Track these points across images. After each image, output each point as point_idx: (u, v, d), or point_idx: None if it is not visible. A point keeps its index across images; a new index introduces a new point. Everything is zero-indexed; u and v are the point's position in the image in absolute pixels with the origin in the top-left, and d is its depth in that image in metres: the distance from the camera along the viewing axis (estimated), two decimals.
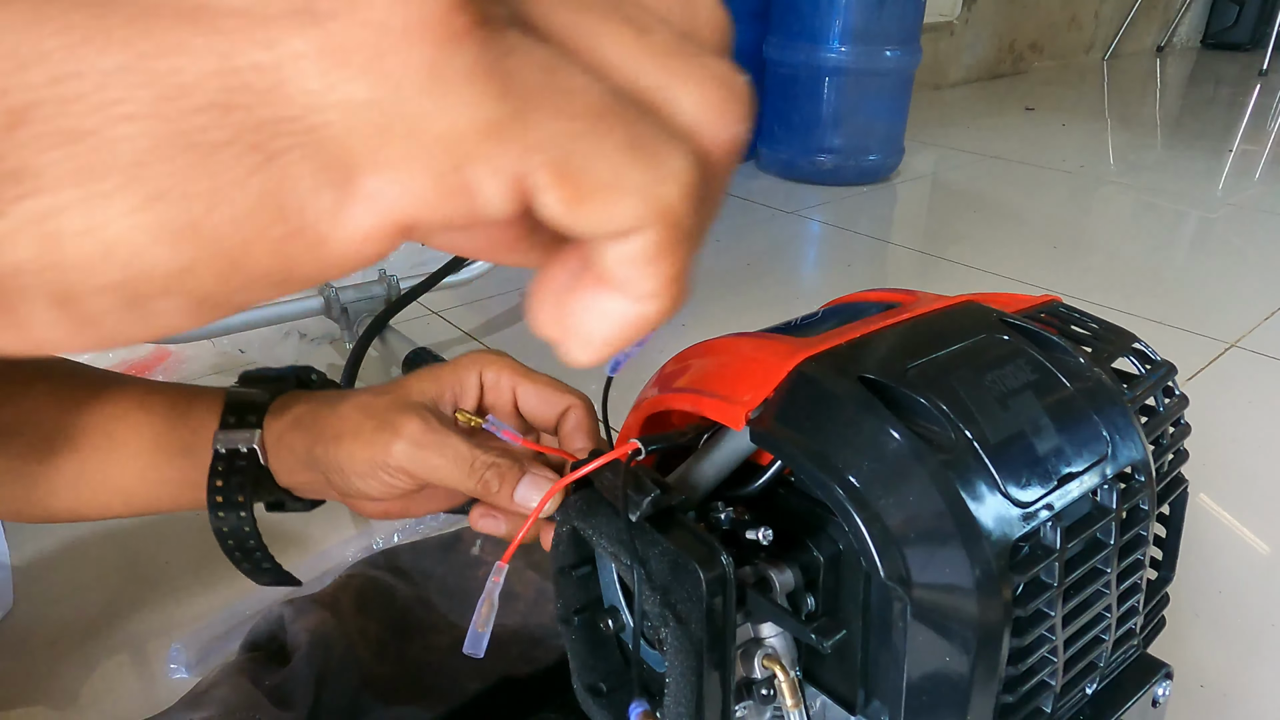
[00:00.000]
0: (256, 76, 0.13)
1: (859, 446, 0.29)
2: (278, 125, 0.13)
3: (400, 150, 0.14)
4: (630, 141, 0.15)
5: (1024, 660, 0.30)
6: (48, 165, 0.13)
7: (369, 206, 0.14)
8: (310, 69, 0.13)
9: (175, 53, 0.13)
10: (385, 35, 0.13)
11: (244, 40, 0.13)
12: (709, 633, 0.28)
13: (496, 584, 0.34)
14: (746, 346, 0.36)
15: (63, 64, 0.13)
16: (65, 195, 0.13)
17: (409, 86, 0.14)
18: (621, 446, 0.32)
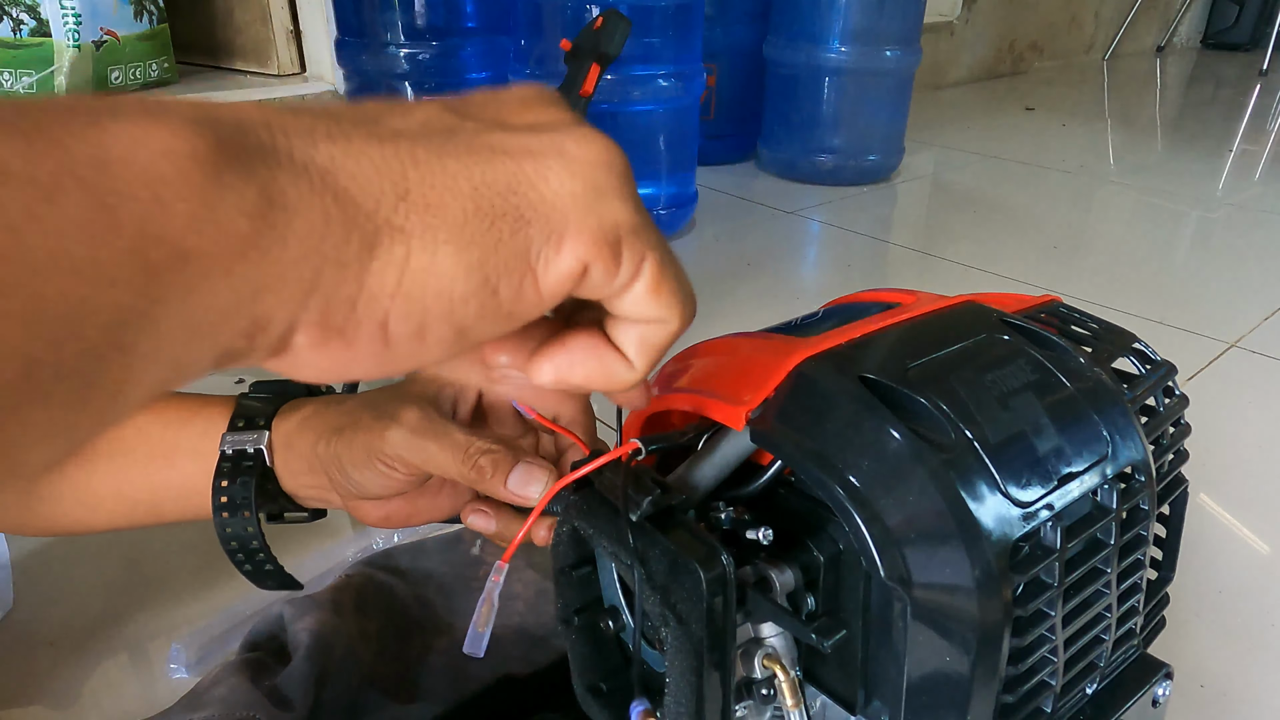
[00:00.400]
0: (527, 182, 0.23)
1: (859, 446, 0.29)
2: (532, 207, 0.23)
3: (590, 227, 0.24)
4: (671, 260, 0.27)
5: (1024, 660, 0.30)
6: (412, 224, 0.21)
7: (568, 257, 0.23)
8: (554, 178, 0.23)
9: (487, 167, 0.23)
10: (594, 166, 0.24)
11: (525, 164, 0.23)
12: (709, 632, 0.28)
13: (496, 584, 0.34)
14: (747, 346, 0.36)
15: (427, 165, 0.22)
16: (417, 243, 0.21)
17: (603, 192, 0.24)
18: (622, 446, 0.32)
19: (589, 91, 1.08)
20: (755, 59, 1.84)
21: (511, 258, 0.23)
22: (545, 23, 1.33)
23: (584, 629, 0.35)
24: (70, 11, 1.40)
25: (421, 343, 0.23)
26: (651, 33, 1.33)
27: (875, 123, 1.78)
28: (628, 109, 1.37)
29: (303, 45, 1.71)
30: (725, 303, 1.26)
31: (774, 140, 1.84)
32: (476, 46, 1.46)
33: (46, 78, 1.41)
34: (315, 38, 1.67)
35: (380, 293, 0.21)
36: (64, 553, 0.74)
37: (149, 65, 1.56)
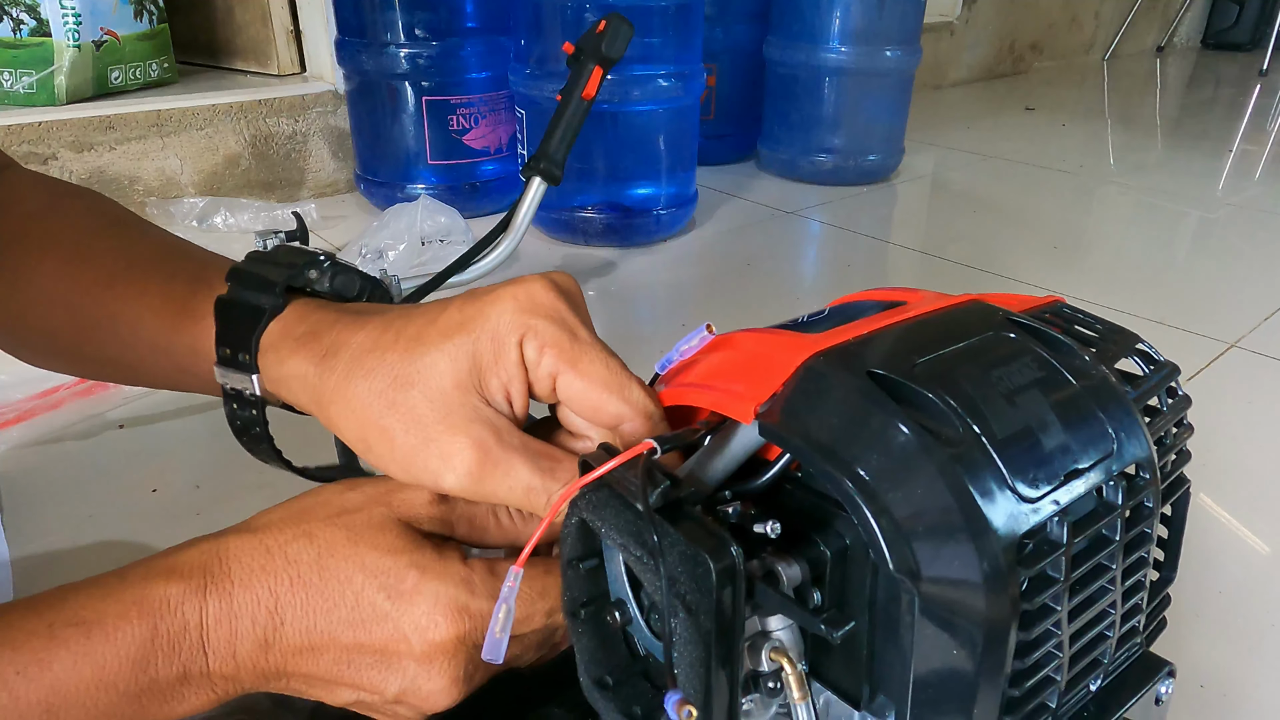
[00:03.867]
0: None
1: (867, 440, 0.29)
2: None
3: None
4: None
5: (1030, 655, 0.30)
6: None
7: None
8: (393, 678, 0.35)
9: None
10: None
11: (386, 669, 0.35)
12: (718, 624, 0.28)
13: (513, 589, 0.34)
14: (754, 342, 0.36)
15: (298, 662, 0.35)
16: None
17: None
18: (637, 446, 0.32)
19: (591, 94, 1.08)
20: (755, 59, 1.84)
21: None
22: (545, 23, 1.33)
23: (590, 622, 0.35)
24: (70, 11, 1.40)
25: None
26: (651, 33, 1.33)
27: (875, 123, 1.78)
28: (628, 109, 1.37)
29: (303, 45, 1.71)
30: (725, 303, 1.26)
31: (774, 140, 1.84)
32: (476, 46, 1.46)
33: (46, 78, 1.41)
34: (315, 37, 1.67)
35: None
36: (64, 553, 0.74)
37: (149, 65, 1.56)
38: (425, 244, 1.31)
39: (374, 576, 0.34)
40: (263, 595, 0.34)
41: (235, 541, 0.35)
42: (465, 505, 0.38)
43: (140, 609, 0.33)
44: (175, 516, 0.77)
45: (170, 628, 0.33)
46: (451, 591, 0.35)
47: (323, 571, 0.34)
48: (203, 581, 0.34)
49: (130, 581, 0.34)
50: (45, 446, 0.87)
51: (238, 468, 0.83)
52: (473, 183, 1.54)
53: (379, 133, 1.49)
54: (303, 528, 0.35)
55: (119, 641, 0.32)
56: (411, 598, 0.34)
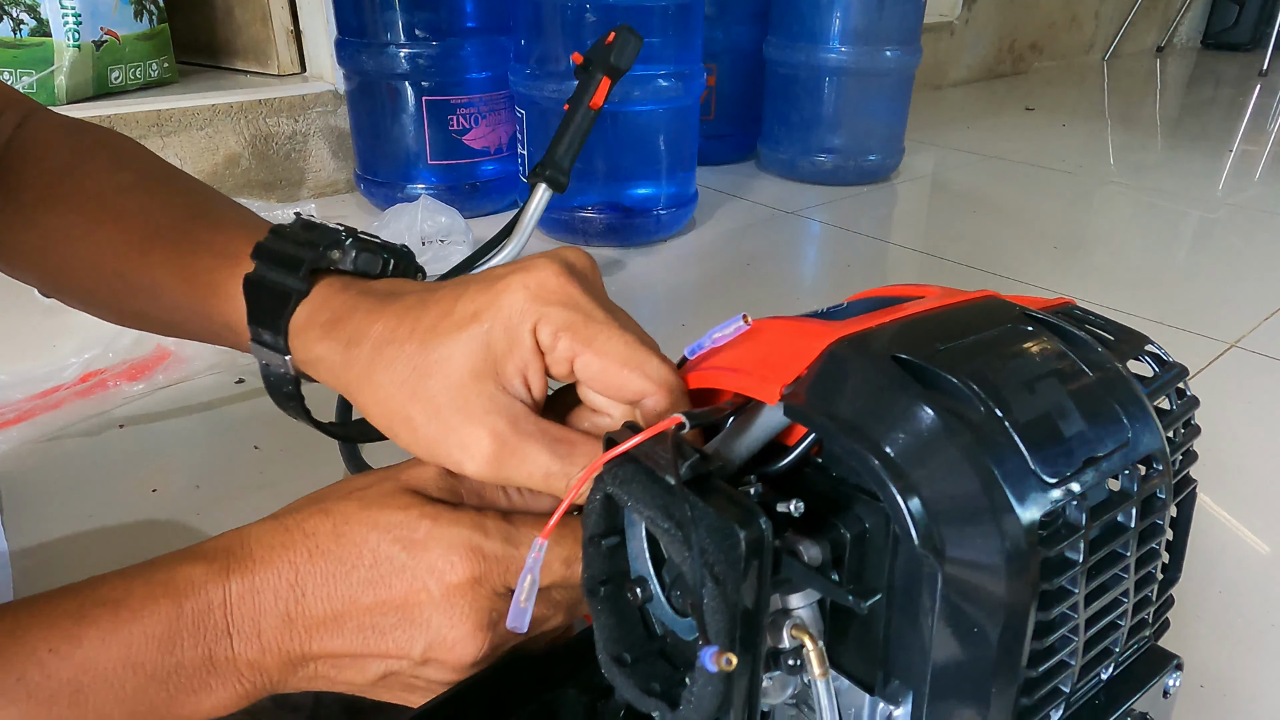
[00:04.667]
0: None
1: (892, 421, 0.30)
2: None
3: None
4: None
5: (1047, 636, 0.31)
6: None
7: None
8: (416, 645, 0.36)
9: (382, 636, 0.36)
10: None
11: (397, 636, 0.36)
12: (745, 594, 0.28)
13: (537, 559, 0.34)
14: (777, 329, 0.37)
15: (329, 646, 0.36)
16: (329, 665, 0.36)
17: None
18: (666, 420, 0.32)
19: (598, 104, 1.08)
20: (755, 59, 1.84)
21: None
22: (545, 23, 1.33)
23: (610, 600, 0.35)
24: (70, 11, 1.40)
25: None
26: (651, 33, 1.33)
27: (875, 123, 1.78)
28: (628, 109, 1.37)
29: (303, 45, 1.71)
30: (725, 303, 1.26)
31: (774, 140, 1.84)
32: (476, 46, 1.46)
33: (47, 78, 1.41)
34: (315, 37, 1.67)
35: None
36: (64, 552, 0.73)
37: (149, 65, 1.56)
38: (425, 244, 1.31)
39: (388, 531, 0.35)
40: (284, 569, 0.34)
41: (256, 527, 0.36)
42: (471, 479, 0.39)
43: (166, 589, 0.34)
44: (175, 516, 0.77)
45: (195, 607, 0.33)
46: (465, 534, 0.35)
47: (339, 538, 0.35)
48: (225, 563, 0.35)
49: (159, 565, 0.35)
50: (45, 446, 0.87)
51: (238, 468, 0.83)
52: (473, 183, 1.54)
53: (379, 133, 1.49)
54: (319, 505, 0.37)
55: (145, 620, 0.33)
56: (426, 544, 0.35)
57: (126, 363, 0.98)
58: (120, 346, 0.97)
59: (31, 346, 1.04)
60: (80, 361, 0.95)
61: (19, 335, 1.07)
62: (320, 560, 0.35)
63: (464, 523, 0.36)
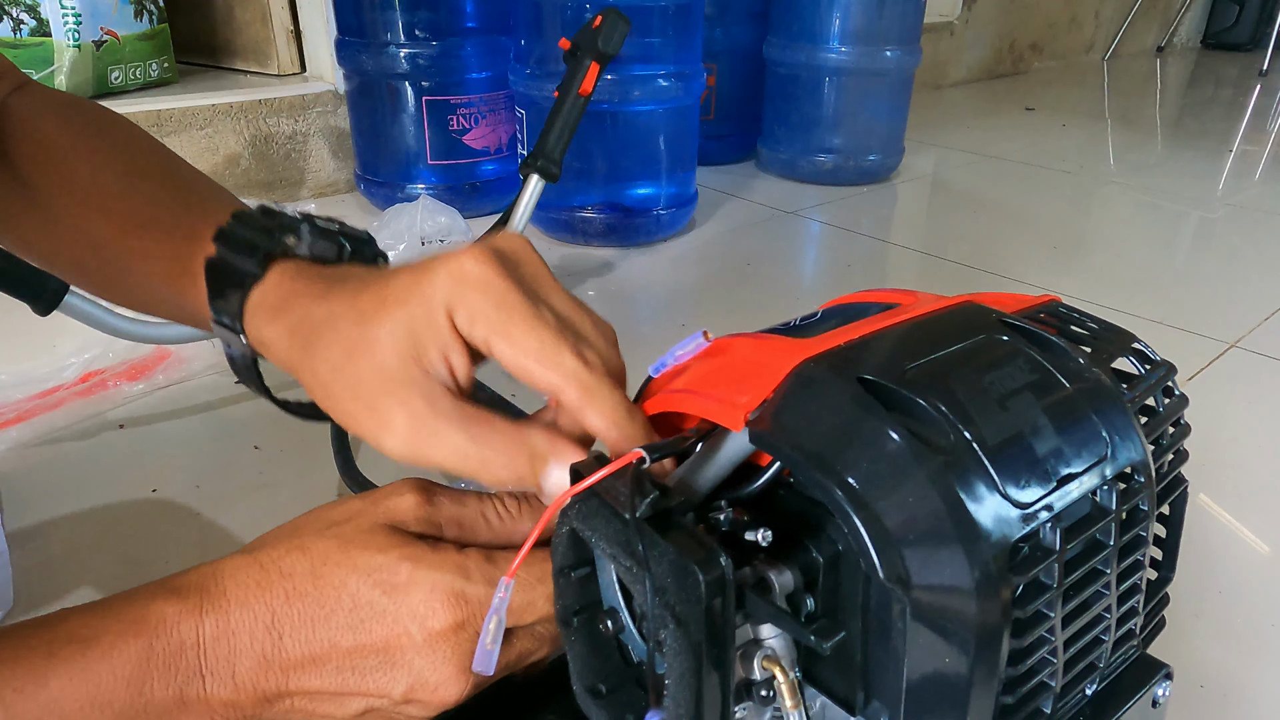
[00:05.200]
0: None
1: (858, 448, 0.29)
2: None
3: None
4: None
5: (1024, 661, 0.30)
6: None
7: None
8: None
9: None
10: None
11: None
12: (708, 634, 0.28)
13: (503, 599, 0.34)
14: (745, 347, 0.36)
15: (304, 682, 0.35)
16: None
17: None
18: (627, 455, 0.32)
19: (588, 90, 1.08)
20: (755, 59, 1.84)
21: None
22: (545, 23, 1.33)
23: (583, 630, 0.35)
24: (70, 11, 1.40)
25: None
26: (651, 33, 1.33)
27: (875, 123, 1.78)
28: (628, 109, 1.37)
29: (303, 45, 1.71)
30: (725, 303, 1.26)
31: (774, 140, 1.84)
32: (476, 46, 1.46)
33: (47, 77, 1.41)
34: (315, 37, 1.67)
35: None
36: (64, 553, 0.74)
37: (149, 65, 1.56)
38: (425, 244, 1.31)
39: (368, 575, 0.35)
40: (260, 611, 0.34)
41: (231, 562, 0.36)
42: (451, 506, 0.39)
43: (137, 628, 0.33)
44: (175, 516, 0.77)
45: (166, 646, 0.33)
46: (447, 579, 0.35)
47: (317, 580, 0.35)
48: (199, 601, 0.34)
49: (131, 600, 0.34)
50: (45, 446, 0.87)
51: (238, 468, 0.83)
52: (473, 183, 1.54)
53: (379, 133, 1.49)
54: (295, 542, 0.36)
55: (115, 660, 0.32)
56: (407, 589, 0.35)
57: (126, 363, 0.98)
58: (120, 346, 0.98)
59: (31, 346, 1.04)
60: (80, 362, 0.96)
61: (19, 335, 1.07)
62: (298, 602, 0.34)
63: (446, 566, 0.35)
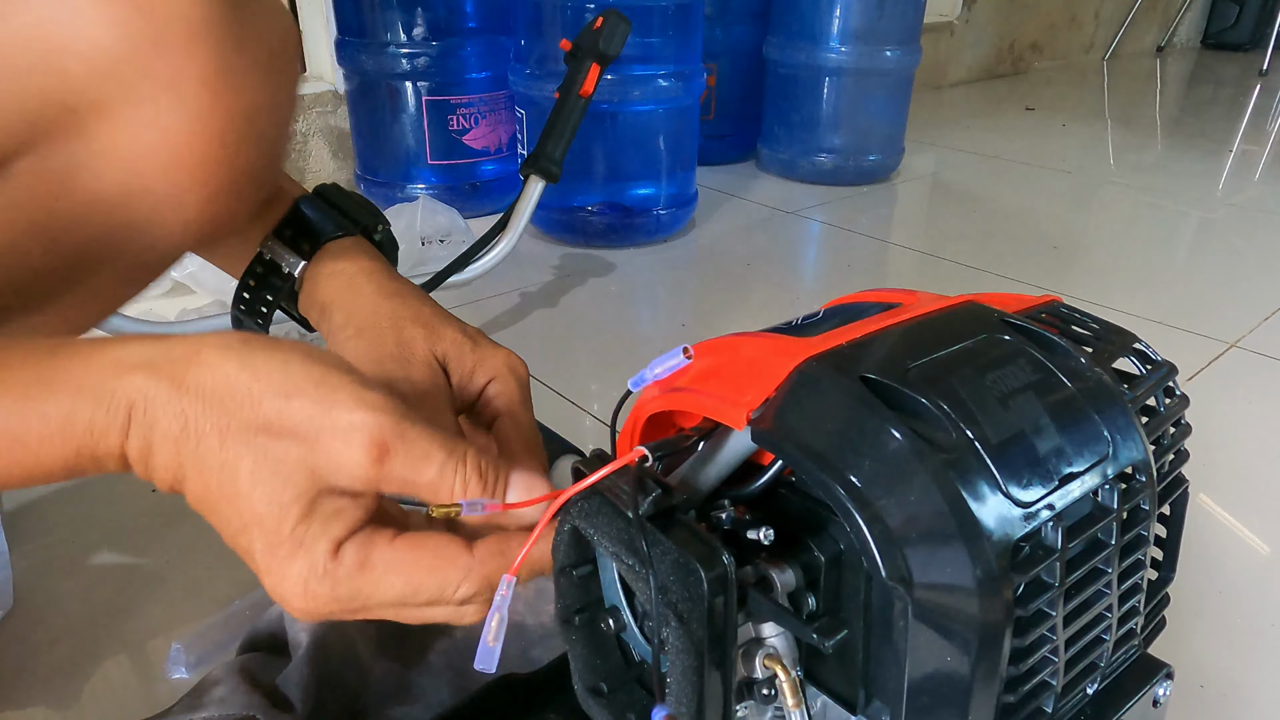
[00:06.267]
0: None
1: (860, 446, 0.29)
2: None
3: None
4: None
5: (1025, 660, 0.30)
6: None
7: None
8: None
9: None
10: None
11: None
12: (710, 632, 0.28)
13: (505, 597, 0.34)
14: (748, 346, 0.36)
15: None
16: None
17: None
18: (629, 453, 0.32)
19: (589, 91, 1.08)
20: (755, 59, 1.84)
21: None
22: (545, 23, 1.33)
23: (584, 629, 0.35)
24: None
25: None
26: (651, 33, 1.33)
27: (875, 123, 1.78)
28: (628, 109, 1.37)
29: (302, 45, 1.71)
30: (725, 303, 1.26)
31: (774, 140, 1.84)
32: (476, 46, 1.46)
33: None
34: (315, 38, 1.67)
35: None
36: (64, 553, 0.74)
37: None
38: (425, 244, 1.31)
39: (257, 526, 0.34)
40: (172, 465, 0.34)
41: (163, 394, 0.34)
42: (405, 470, 0.35)
43: (64, 434, 0.33)
44: (175, 516, 0.77)
45: (93, 452, 0.34)
46: (310, 580, 0.34)
47: (220, 487, 0.34)
48: (126, 421, 0.33)
49: (60, 394, 0.33)
50: None
51: None
52: (473, 183, 1.54)
53: (379, 133, 1.49)
54: (221, 422, 0.34)
55: (41, 457, 0.33)
56: (281, 566, 0.34)
57: None
58: None
59: None
60: None
61: None
62: (200, 483, 0.34)
63: (314, 566, 0.35)
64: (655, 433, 0.39)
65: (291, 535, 0.34)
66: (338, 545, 0.34)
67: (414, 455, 0.34)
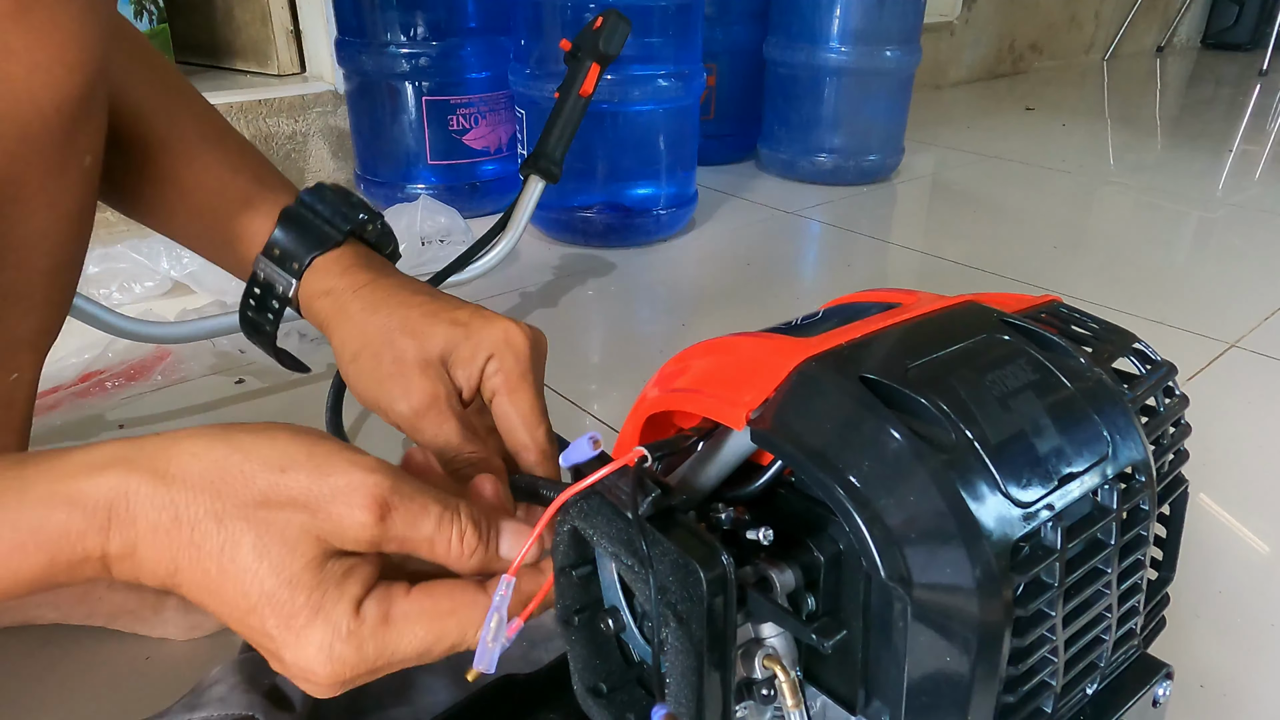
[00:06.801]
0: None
1: (859, 446, 0.29)
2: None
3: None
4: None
5: (1024, 660, 0.30)
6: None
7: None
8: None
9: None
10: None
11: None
12: (709, 633, 0.28)
13: (505, 597, 0.34)
14: (747, 346, 0.36)
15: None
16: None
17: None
18: (628, 454, 0.32)
19: (589, 91, 1.08)
20: (755, 59, 1.84)
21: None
22: (545, 23, 1.33)
23: (584, 630, 0.35)
24: None
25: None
26: (651, 33, 1.33)
27: (875, 123, 1.78)
28: (628, 109, 1.37)
29: (303, 45, 1.71)
30: (725, 303, 1.26)
31: (774, 140, 1.84)
32: (476, 46, 1.46)
33: None
34: (315, 37, 1.67)
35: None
36: None
37: None
38: (425, 244, 1.31)
39: (268, 603, 0.33)
40: (164, 559, 0.33)
41: (145, 488, 0.33)
42: (403, 527, 0.35)
43: (37, 541, 0.32)
44: None
45: (70, 558, 0.32)
46: (335, 644, 0.34)
47: (222, 571, 0.33)
48: (106, 521, 0.32)
49: (29, 502, 0.32)
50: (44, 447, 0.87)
51: None
52: (473, 183, 1.54)
53: (379, 133, 1.49)
54: (216, 506, 0.33)
55: (13, 568, 0.32)
56: (299, 637, 0.33)
57: (126, 363, 0.98)
58: (119, 346, 0.98)
59: None
60: (80, 362, 0.96)
61: None
62: (200, 574, 0.33)
63: (338, 630, 0.34)
64: (655, 433, 0.39)
65: (308, 603, 0.33)
66: (358, 604, 0.34)
67: (413, 510, 0.34)
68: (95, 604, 0.62)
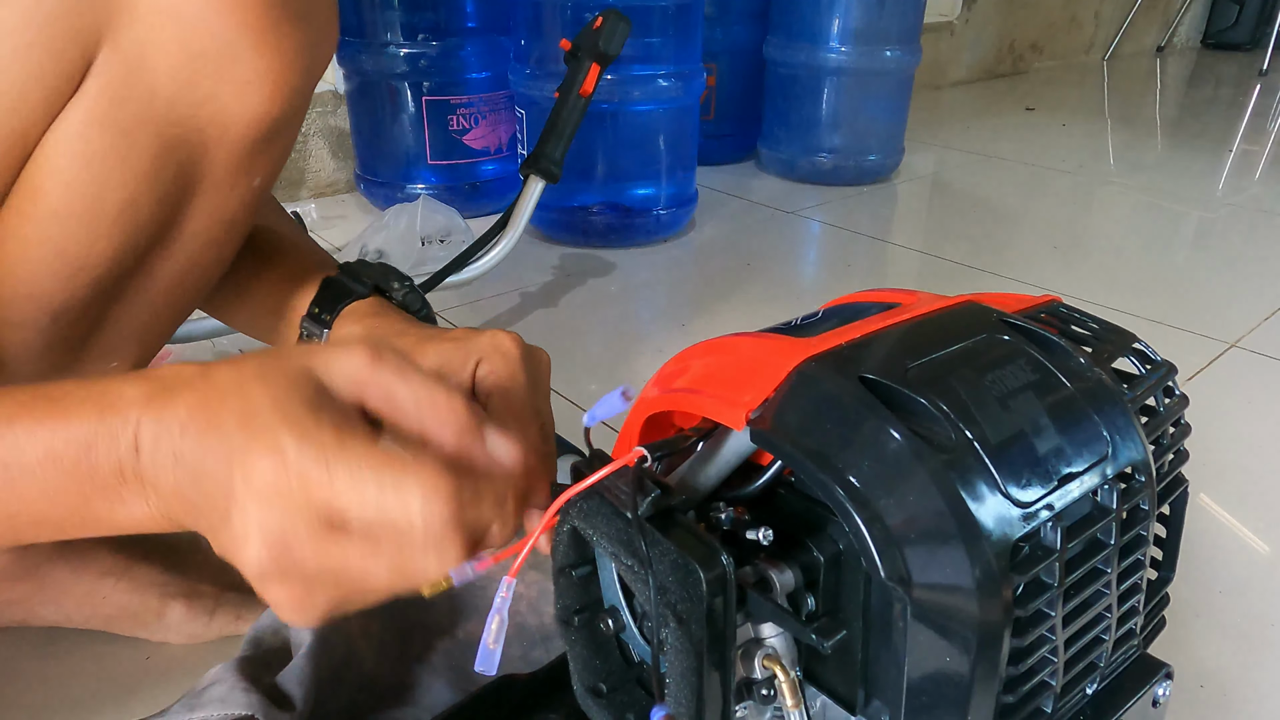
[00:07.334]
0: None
1: (859, 446, 0.29)
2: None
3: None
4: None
5: (1024, 660, 0.30)
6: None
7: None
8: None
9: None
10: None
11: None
12: (709, 633, 0.28)
13: (505, 599, 0.34)
14: (746, 346, 0.36)
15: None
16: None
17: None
18: (628, 453, 0.32)
19: (589, 91, 1.08)
20: (755, 59, 1.84)
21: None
22: (545, 23, 1.33)
23: (584, 630, 0.35)
24: None
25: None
26: (651, 33, 1.33)
27: (875, 123, 1.78)
28: (628, 109, 1.37)
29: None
30: (725, 303, 1.26)
31: (774, 140, 1.84)
32: (476, 46, 1.46)
33: None
34: None
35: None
36: None
37: None
38: (425, 244, 1.31)
39: (271, 406, 0.34)
40: (180, 412, 0.35)
41: (188, 377, 0.36)
42: (392, 379, 0.37)
43: (97, 399, 0.35)
44: None
45: (113, 419, 0.35)
46: (309, 433, 0.35)
47: (225, 394, 0.35)
48: (151, 395, 0.35)
49: (106, 373, 0.37)
50: None
51: None
52: (473, 183, 1.54)
53: (379, 133, 1.49)
54: (232, 368, 0.36)
55: (71, 420, 0.34)
56: (315, 432, 0.34)
57: None
58: None
59: None
60: None
61: None
62: (203, 395, 0.35)
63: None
64: (655, 433, 0.39)
65: (303, 401, 0.34)
66: (344, 421, 0.35)
67: (404, 365, 0.37)
68: (96, 606, 0.62)
